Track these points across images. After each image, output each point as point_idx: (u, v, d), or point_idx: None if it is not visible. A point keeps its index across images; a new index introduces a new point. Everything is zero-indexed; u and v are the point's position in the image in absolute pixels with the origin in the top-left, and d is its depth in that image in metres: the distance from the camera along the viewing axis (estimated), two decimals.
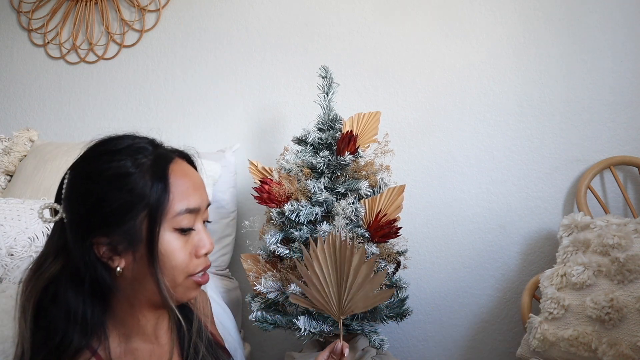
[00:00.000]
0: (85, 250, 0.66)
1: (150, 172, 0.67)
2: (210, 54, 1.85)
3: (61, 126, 1.99)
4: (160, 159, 0.70)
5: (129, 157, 0.67)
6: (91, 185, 0.66)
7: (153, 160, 0.69)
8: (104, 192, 0.66)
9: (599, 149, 1.53)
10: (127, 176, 0.66)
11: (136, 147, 0.69)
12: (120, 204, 0.65)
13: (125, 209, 0.65)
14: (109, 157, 0.68)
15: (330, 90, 1.39)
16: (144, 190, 0.66)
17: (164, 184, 0.68)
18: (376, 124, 1.42)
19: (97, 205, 0.65)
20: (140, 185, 0.66)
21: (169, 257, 0.68)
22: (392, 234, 1.28)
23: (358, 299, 0.89)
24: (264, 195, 1.32)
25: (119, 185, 0.66)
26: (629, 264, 1.15)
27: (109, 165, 0.67)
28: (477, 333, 1.63)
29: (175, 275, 0.69)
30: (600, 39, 1.53)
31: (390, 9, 1.69)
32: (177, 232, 0.69)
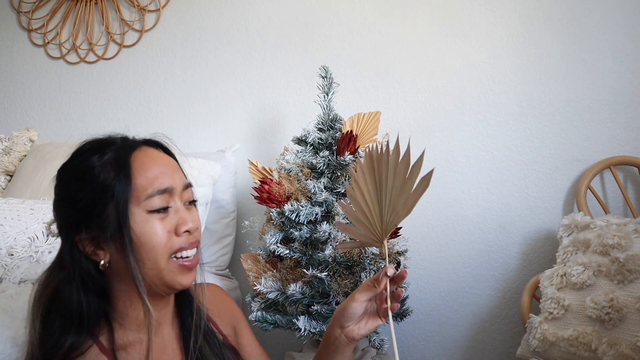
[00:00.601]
0: (71, 249, 0.70)
1: (113, 163, 0.70)
2: (210, 54, 1.85)
3: (61, 126, 1.99)
4: (124, 149, 0.73)
5: (95, 154, 0.72)
6: (65, 188, 0.72)
7: (116, 152, 0.72)
8: (74, 192, 0.70)
9: (599, 149, 1.53)
10: (91, 171, 0.70)
11: (104, 143, 0.74)
12: (88, 199, 0.69)
13: (94, 203, 0.69)
14: (79, 157, 0.73)
15: (330, 90, 1.39)
16: (107, 181, 0.69)
17: (126, 172, 0.70)
18: (376, 124, 1.42)
19: (72, 205, 0.70)
20: (102, 177, 0.69)
21: (147, 238, 0.69)
22: (392, 234, 1.28)
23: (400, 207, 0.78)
24: (264, 195, 1.32)
25: (84, 182, 0.70)
26: (629, 264, 1.15)
27: (78, 165, 0.72)
28: (477, 333, 1.63)
29: (157, 256, 0.70)
30: (600, 39, 1.53)
31: (390, 9, 1.69)
32: (152, 214, 0.70)
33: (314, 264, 1.25)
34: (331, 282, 1.23)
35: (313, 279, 1.22)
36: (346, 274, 1.24)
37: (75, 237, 0.70)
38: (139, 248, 0.69)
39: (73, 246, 0.70)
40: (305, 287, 1.24)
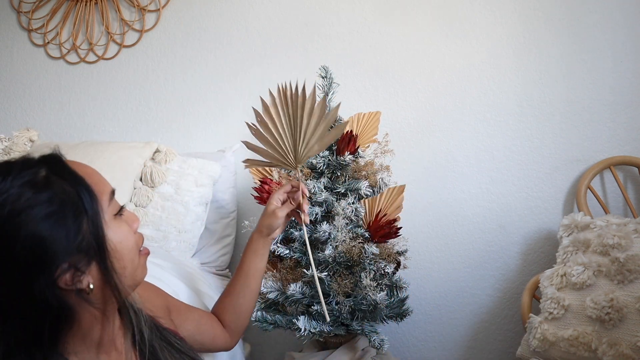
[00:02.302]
0: (55, 296, 0.59)
1: (62, 179, 0.61)
2: (210, 54, 1.85)
3: (61, 126, 1.99)
4: (53, 163, 0.63)
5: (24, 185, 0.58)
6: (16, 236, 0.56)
7: (49, 169, 0.61)
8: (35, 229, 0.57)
9: (599, 149, 1.53)
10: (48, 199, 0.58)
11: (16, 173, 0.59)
12: (59, 225, 0.58)
13: (66, 227, 0.59)
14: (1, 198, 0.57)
15: (330, 90, 1.39)
16: (70, 199, 0.60)
17: (82, 183, 0.62)
18: (376, 124, 1.42)
19: (40, 244, 0.57)
20: (62, 196, 0.60)
21: (122, 243, 0.66)
22: (392, 234, 1.28)
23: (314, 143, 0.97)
24: (264, 195, 1.32)
25: (44, 210, 0.58)
26: (629, 264, 1.15)
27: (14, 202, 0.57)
28: (477, 333, 1.63)
29: (133, 257, 0.68)
30: (600, 39, 1.53)
31: (390, 9, 1.69)
32: (117, 217, 0.67)
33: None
34: (331, 282, 1.23)
35: (313, 279, 1.22)
36: (346, 274, 1.24)
37: (54, 275, 0.58)
38: (119, 255, 0.65)
39: (53, 287, 0.58)
40: (305, 287, 1.24)
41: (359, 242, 1.25)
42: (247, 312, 1.03)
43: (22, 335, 0.59)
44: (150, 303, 0.83)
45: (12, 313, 0.59)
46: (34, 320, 0.59)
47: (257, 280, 1.03)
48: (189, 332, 0.92)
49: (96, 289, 0.63)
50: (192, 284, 1.34)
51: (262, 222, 1.01)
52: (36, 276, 0.58)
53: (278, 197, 1.01)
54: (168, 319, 0.88)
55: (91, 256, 0.62)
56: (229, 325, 1.01)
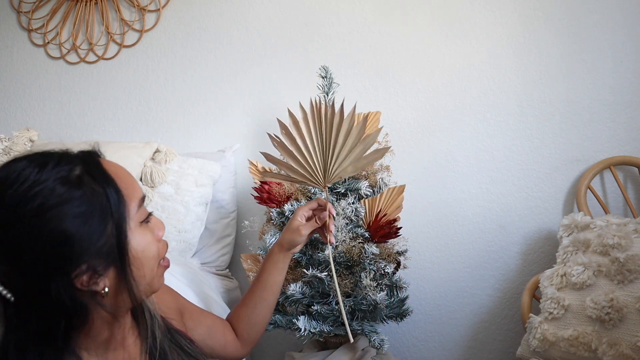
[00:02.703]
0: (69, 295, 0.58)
1: (94, 180, 0.61)
2: (210, 54, 1.85)
3: (61, 126, 1.99)
4: (90, 162, 0.63)
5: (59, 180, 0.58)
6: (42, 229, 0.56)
7: (84, 168, 0.61)
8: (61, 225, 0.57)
9: (599, 149, 1.53)
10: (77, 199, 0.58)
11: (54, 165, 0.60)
12: (84, 226, 0.58)
13: (91, 228, 0.59)
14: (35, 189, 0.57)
15: (330, 90, 1.39)
16: (99, 200, 0.60)
17: (113, 184, 0.62)
18: (376, 124, 1.42)
19: (63, 242, 0.57)
20: (95, 200, 0.60)
21: (145, 252, 0.65)
22: (392, 234, 1.28)
23: (348, 164, 0.91)
24: (264, 195, 1.32)
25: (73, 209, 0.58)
26: (629, 264, 1.15)
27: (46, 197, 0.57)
28: (477, 333, 1.63)
29: (152, 266, 0.67)
30: (600, 39, 1.53)
31: (390, 9, 1.69)
32: (142, 225, 0.66)
33: (314, 264, 1.25)
34: (331, 282, 1.23)
35: (313, 279, 1.22)
36: (346, 274, 1.24)
37: (72, 274, 0.58)
38: (139, 263, 0.64)
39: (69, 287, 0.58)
40: (305, 287, 1.24)
41: (359, 242, 1.25)
42: (262, 324, 1.01)
43: (36, 328, 0.59)
44: (164, 304, 0.82)
45: (29, 305, 0.58)
46: (49, 314, 0.59)
47: (274, 293, 1.01)
48: (201, 336, 0.91)
49: (111, 293, 0.63)
50: (192, 283, 1.34)
51: (285, 236, 0.99)
52: (55, 272, 0.58)
53: (303, 214, 0.98)
54: (180, 321, 0.87)
55: (111, 260, 0.61)
56: (242, 335, 1.00)
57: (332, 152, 0.90)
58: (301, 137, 0.91)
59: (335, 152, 0.90)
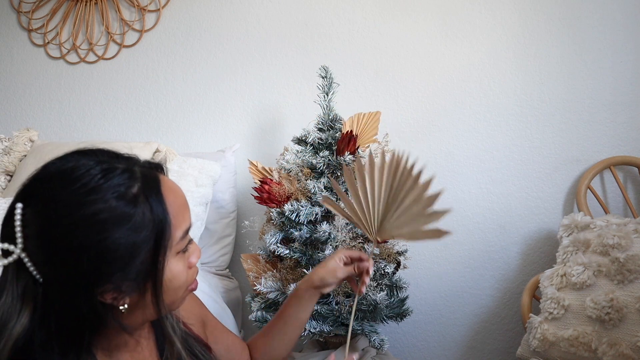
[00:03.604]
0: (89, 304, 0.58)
1: (147, 203, 0.60)
2: (210, 54, 1.85)
3: (61, 126, 1.99)
4: (150, 183, 0.62)
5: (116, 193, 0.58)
6: (85, 238, 0.56)
7: (143, 188, 0.60)
8: (104, 241, 0.57)
9: (599, 149, 1.53)
10: (128, 217, 0.58)
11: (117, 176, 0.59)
12: (126, 247, 0.58)
13: (131, 251, 0.59)
14: (93, 196, 0.57)
15: (330, 90, 1.39)
16: (147, 226, 0.59)
17: (164, 211, 0.61)
18: (376, 124, 1.42)
19: (100, 257, 0.57)
20: (143, 223, 0.59)
21: (172, 281, 0.65)
22: None
23: (402, 223, 0.85)
24: (264, 195, 1.32)
25: (121, 229, 0.58)
26: (629, 264, 1.15)
27: (98, 209, 0.57)
28: (477, 333, 1.63)
29: (178, 293, 0.67)
30: (601, 39, 1.53)
31: (390, 9, 1.69)
32: (179, 254, 0.65)
33: (314, 264, 1.25)
34: None
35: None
36: None
37: (97, 290, 0.58)
38: (165, 290, 0.64)
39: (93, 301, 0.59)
40: None
41: (359, 242, 1.25)
42: (279, 357, 0.98)
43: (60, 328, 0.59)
44: (189, 312, 0.82)
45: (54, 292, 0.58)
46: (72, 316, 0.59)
47: (295, 329, 0.96)
48: (218, 352, 0.89)
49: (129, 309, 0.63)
50: None
51: (318, 273, 0.94)
52: (83, 282, 0.58)
53: (342, 256, 0.94)
54: (201, 328, 0.87)
55: (139, 284, 0.61)
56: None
57: (396, 210, 0.85)
58: (371, 182, 0.87)
59: (398, 211, 0.85)
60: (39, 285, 0.58)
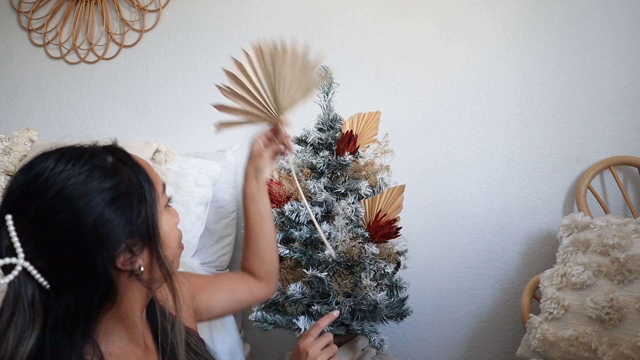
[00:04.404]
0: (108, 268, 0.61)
1: (127, 167, 0.66)
2: (210, 54, 1.85)
3: (61, 126, 1.99)
4: (118, 152, 0.68)
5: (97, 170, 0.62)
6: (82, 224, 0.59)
7: (115, 157, 0.66)
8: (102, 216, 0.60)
9: (599, 149, 1.53)
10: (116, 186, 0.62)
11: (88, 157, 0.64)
12: (124, 212, 0.62)
13: (129, 213, 0.63)
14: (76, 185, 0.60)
15: (330, 90, 1.39)
16: (136, 186, 0.65)
17: (143, 170, 0.67)
18: (376, 124, 1.42)
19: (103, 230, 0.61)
20: (131, 184, 0.64)
21: (170, 233, 0.70)
22: (392, 234, 1.28)
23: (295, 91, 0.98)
24: None
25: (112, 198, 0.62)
26: (629, 264, 1.15)
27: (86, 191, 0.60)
28: (477, 333, 1.62)
29: (175, 247, 0.72)
30: (601, 39, 1.53)
31: (390, 9, 1.69)
32: (166, 209, 0.71)
33: (314, 264, 1.25)
34: (331, 282, 1.23)
35: (313, 279, 1.22)
36: (346, 274, 1.24)
37: (114, 255, 0.62)
38: (165, 244, 0.68)
39: (109, 263, 0.62)
40: (305, 287, 1.24)
41: (359, 242, 1.25)
42: (272, 256, 1.04)
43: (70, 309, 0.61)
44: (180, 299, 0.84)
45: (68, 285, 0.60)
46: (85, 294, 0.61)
47: (267, 223, 1.03)
48: (225, 298, 0.95)
49: (145, 271, 0.66)
50: None
51: (251, 166, 1.02)
52: (98, 253, 0.60)
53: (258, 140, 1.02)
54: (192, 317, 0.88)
55: (145, 241, 0.65)
56: (260, 274, 1.03)
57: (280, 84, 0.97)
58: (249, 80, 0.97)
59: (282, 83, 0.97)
60: (46, 292, 0.60)
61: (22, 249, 0.58)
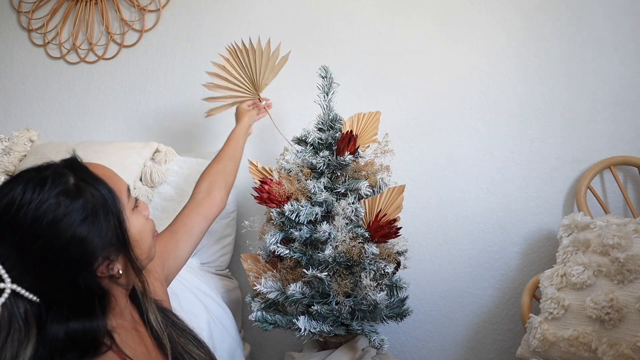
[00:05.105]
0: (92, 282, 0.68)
1: (88, 184, 0.69)
2: (210, 54, 1.84)
3: (61, 126, 1.99)
4: (78, 169, 0.70)
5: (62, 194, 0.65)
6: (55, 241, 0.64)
7: (76, 175, 0.68)
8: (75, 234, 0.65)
9: (599, 149, 1.53)
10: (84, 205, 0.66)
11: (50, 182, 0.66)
12: (94, 228, 0.67)
13: (100, 228, 0.68)
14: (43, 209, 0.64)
15: (330, 90, 1.39)
16: (100, 201, 0.68)
17: (103, 183, 0.70)
18: (376, 124, 1.42)
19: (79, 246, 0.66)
20: (95, 202, 0.68)
21: (142, 232, 0.76)
22: (392, 234, 1.28)
23: (268, 73, 1.44)
24: (264, 195, 1.32)
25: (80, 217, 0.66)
26: (629, 264, 1.15)
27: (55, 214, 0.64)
28: (477, 333, 1.63)
29: (149, 241, 0.78)
30: (601, 39, 1.53)
31: (390, 9, 1.69)
32: (134, 210, 0.76)
33: (314, 264, 1.25)
34: (331, 282, 1.23)
35: (313, 279, 1.22)
36: (346, 274, 1.24)
37: (91, 268, 0.68)
38: (139, 243, 0.75)
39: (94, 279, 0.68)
40: (305, 287, 1.24)
41: (359, 242, 1.25)
42: (233, 175, 1.29)
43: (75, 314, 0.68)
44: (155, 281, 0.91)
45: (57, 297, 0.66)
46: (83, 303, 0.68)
47: (240, 153, 1.36)
48: (187, 244, 1.06)
49: (122, 274, 0.73)
50: (191, 284, 1.34)
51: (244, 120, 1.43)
52: (80, 271, 0.67)
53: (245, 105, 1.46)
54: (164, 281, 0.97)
55: (119, 247, 0.71)
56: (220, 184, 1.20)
57: (254, 70, 1.43)
58: (229, 74, 1.44)
59: (256, 70, 1.43)
60: (37, 305, 0.65)
61: (8, 274, 0.63)
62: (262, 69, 1.41)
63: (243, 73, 1.43)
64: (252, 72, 1.42)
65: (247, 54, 1.41)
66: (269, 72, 1.42)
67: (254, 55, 1.41)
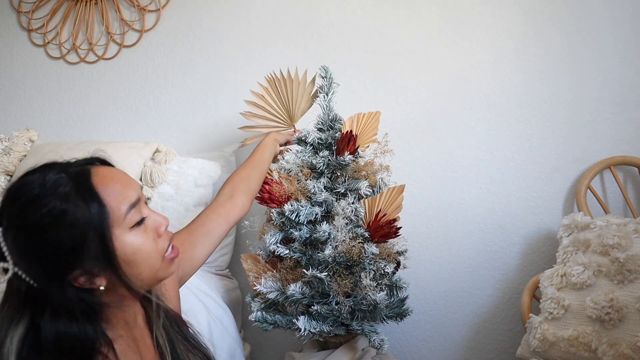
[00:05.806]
0: (65, 291, 0.68)
1: (79, 196, 0.68)
2: (210, 54, 1.85)
3: (61, 126, 1.99)
4: (80, 179, 0.70)
5: (51, 196, 0.67)
6: (38, 238, 0.66)
7: (74, 185, 0.69)
8: (53, 238, 0.66)
9: (599, 149, 1.53)
10: (63, 214, 0.66)
11: (51, 183, 0.68)
12: (73, 240, 0.67)
13: (79, 241, 0.67)
14: (34, 205, 0.66)
15: (330, 90, 1.39)
16: (84, 216, 0.67)
17: (96, 199, 0.69)
18: (376, 124, 1.42)
19: (55, 251, 0.66)
20: (78, 214, 0.67)
21: (139, 253, 0.72)
22: (392, 234, 1.28)
23: (301, 102, 1.42)
24: (264, 195, 1.32)
25: (61, 225, 0.66)
26: (629, 264, 1.15)
27: (41, 213, 0.66)
28: (477, 333, 1.62)
29: (153, 263, 0.74)
30: (602, 39, 1.53)
31: (390, 9, 1.69)
32: (134, 229, 0.72)
33: (313, 264, 1.25)
34: (331, 282, 1.23)
35: (313, 279, 1.22)
36: (346, 274, 1.24)
37: (68, 276, 0.68)
38: (134, 264, 0.72)
39: (68, 287, 0.68)
40: (305, 287, 1.24)
41: (358, 242, 1.25)
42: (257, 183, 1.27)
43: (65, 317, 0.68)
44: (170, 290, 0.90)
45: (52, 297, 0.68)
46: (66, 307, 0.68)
47: (265, 165, 1.31)
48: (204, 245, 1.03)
49: (110, 289, 0.71)
50: (191, 284, 1.34)
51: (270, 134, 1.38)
52: (54, 276, 0.67)
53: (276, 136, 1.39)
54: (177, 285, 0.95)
55: (105, 264, 0.69)
56: (242, 189, 1.19)
57: (291, 101, 1.42)
58: (266, 103, 1.43)
59: (292, 100, 1.42)
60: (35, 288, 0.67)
61: (10, 254, 0.66)
62: (298, 99, 1.41)
63: (280, 102, 1.43)
64: (288, 102, 1.42)
65: (284, 83, 1.41)
66: (304, 103, 1.41)
67: (291, 85, 1.40)
